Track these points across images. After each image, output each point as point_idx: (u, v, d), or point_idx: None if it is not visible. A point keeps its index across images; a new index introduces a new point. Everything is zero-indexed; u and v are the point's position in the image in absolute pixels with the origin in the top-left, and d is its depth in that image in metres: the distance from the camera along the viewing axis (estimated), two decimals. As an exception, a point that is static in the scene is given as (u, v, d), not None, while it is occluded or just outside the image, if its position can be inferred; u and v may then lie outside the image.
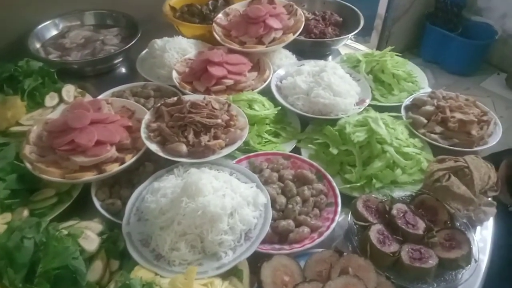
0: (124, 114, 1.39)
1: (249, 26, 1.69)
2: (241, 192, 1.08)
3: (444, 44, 4.01)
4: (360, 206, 1.13)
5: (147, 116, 1.32)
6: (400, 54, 1.73)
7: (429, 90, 1.67)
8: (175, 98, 1.36)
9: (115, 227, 1.08)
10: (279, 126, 1.45)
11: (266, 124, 1.42)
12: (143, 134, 1.25)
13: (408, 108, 1.52)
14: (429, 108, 1.46)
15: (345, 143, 1.31)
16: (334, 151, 1.29)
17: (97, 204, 1.15)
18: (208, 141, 1.22)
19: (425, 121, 1.43)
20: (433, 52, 4.16)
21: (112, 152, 1.20)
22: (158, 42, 1.72)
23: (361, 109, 1.45)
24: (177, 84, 1.53)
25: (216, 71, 1.51)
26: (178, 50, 1.70)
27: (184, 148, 1.20)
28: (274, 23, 1.68)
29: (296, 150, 1.40)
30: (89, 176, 1.16)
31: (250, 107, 1.42)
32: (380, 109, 1.52)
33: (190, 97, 1.41)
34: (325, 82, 1.47)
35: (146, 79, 1.65)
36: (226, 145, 1.24)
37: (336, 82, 1.47)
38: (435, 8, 4.01)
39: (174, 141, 1.22)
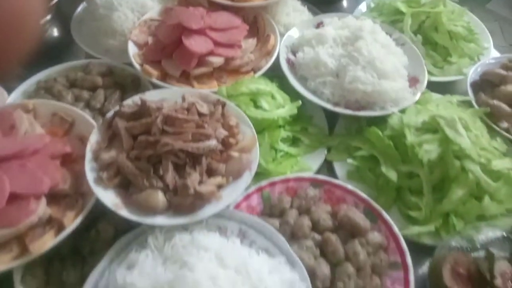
0: (56, 128, 0.87)
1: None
2: None
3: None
4: (447, 275, 0.73)
5: (94, 137, 0.81)
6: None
7: (493, 50, 1.20)
8: (137, 101, 0.84)
9: None
10: (298, 128, 0.98)
11: (280, 127, 0.95)
12: (89, 173, 0.75)
13: (476, 86, 1.07)
14: (511, 88, 1.01)
15: (406, 160, 0.87)
16: (393, 176, 0.85)
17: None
18: (200, 181, 0.74)
19: (509, 109, 0.99)
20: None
21: (40, 211, 0.71)
22: (101, -6, 1.13)
23: (418, 97, 0.99)
24: (137, 67, 0.99)
25: (196, 44, 0.97)
26: (133, 6, 1.12)
27: (160, 199, 0.72)
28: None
29: (326, 164, 0.96)
30: (3, 264, 0.69)
31: (255, 104, 0.93)
32: (434, 86, 1.07)
33: (161, 93, 0.90)
34: (364, 57, 0.97)
35: (89, 54, 1.10)
36: (227, 182, 0.78)
37: (380, 56, 0.97)
38: None
39: (143, 187, 0.73)
